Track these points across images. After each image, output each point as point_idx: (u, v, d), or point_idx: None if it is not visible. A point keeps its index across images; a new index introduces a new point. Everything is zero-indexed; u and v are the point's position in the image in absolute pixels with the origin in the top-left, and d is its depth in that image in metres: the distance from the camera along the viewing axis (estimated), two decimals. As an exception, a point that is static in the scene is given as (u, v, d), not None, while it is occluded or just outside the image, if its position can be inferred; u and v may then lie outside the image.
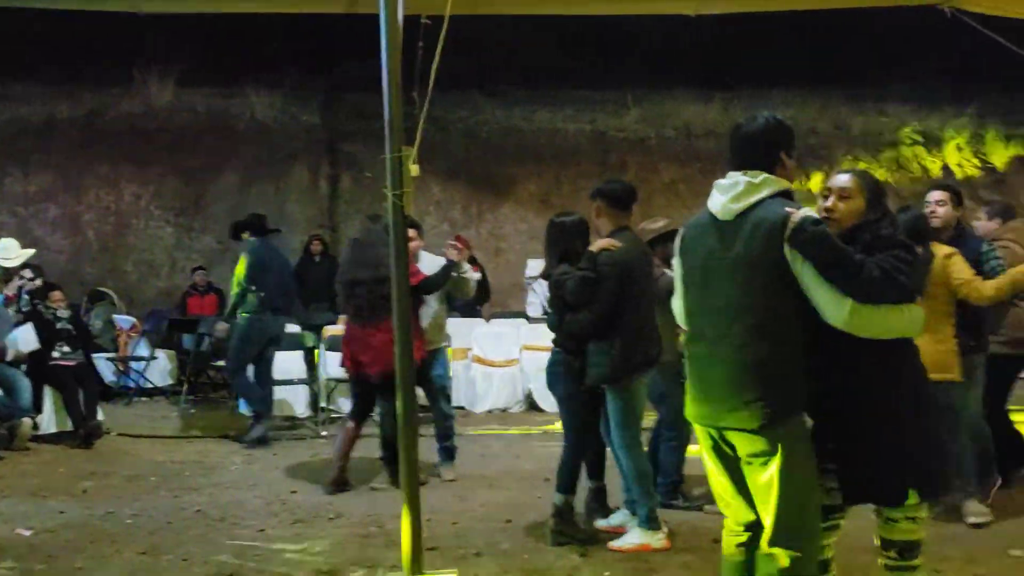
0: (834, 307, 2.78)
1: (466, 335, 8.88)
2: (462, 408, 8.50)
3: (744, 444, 2.86)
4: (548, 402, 7.71)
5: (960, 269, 4.59)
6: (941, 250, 4.63)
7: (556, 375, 4.71)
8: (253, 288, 7.22)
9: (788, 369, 2.82)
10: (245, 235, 7.56)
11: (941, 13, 10.63)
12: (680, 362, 5.01)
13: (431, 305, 5.88)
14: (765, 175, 2.92)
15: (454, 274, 5.74)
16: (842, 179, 3.11)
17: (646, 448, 4.88)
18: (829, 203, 3.03)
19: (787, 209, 2.83)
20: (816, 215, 2.88)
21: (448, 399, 6.27)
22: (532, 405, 8.81)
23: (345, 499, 5.56)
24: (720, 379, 2.89)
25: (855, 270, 2.77)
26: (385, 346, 5.11)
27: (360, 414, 5.85)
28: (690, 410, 3.05)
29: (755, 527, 2.96)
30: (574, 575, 4.19)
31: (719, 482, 3.04)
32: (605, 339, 4.39)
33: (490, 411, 8.65)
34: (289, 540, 4.74)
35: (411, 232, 5.35)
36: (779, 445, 2.79)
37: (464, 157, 13.70)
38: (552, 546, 4.51)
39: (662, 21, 12.28)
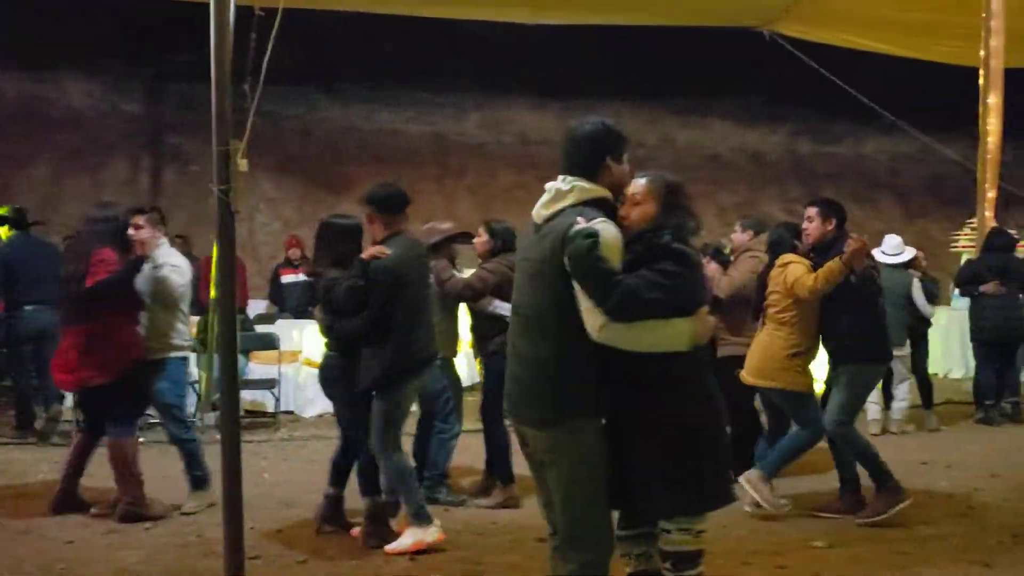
0: (590, 319, 2.83)
1: (297, 337, 8.64)
2: (291, 413, 8.28)
3: (535, 440, 2.98)
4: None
5: (794, 271, 4.88)
6: (782, 260, 4.98)
7: (329, 379, 4.71)
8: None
9: (574, 370, 2.88)
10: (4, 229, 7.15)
11: (761, 36, 11.36)
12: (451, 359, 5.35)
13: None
14: (575, 183, 2.93)
15: (156, 273, 5.04)
16: (636, 184, 3.06)
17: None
18: (623, 209, 3.02)
19: (578, 219, 2.83)
20: (594, 228, 2.81)
21: (176, 419, 5.24)
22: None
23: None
24: (519, 375, 3.00)
25: (606, 288, 2.77)
26: (68, 353, 4.92)
27: (90, 426, 5.24)
28: (504, 403, 3.15)
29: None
30: (403, 579, 4.15)
31: (536, 481, 3.09)
32: (376, 344, 4.38)
33: (320, 415, 8.46)
34: (101, 550, 4.47)
35: (139, 219, 5.06)
36: (563, 444, 2.89)
37: (299, 154, 13.40)
38: (368, 547, 4.46)
39: (501, 28, 12.53)
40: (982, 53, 8.52)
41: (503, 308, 4.93)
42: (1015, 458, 6.46)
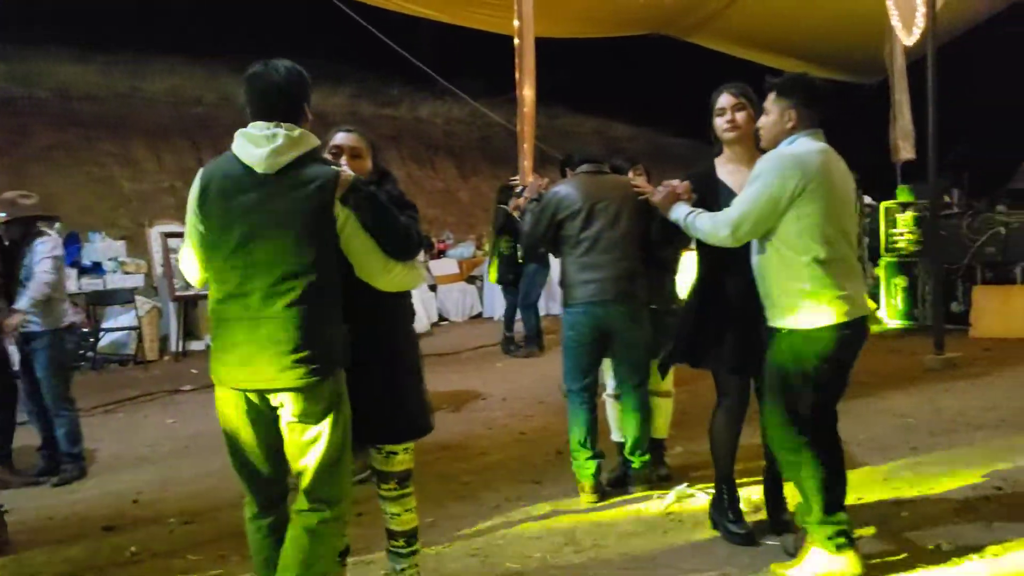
0: (373, 264, 2.90)
1: None
2: None
3: (296, 403, 2.79)
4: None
5: None
6: None
7: None
8: None
9: (333, 325, 2.85)
10: None
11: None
12: None
13: None
14: (301, 130, 2.82)
15: None
16: (351, 137, 3.10)
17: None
18: (343, 161, 3.03)
19: (335, 168, 2.84)
20: (356, 176, 2.89)
21: None
22: None
23: None
24: (267, 338, 2.76)
25: (404, 231, 2.90)
26: None
27: None
28: (224, 374, 2.84)
29: (277, 503, 2.98)
30: None
31: (249, 452, 2.88)
32: None
33: None
34: None
35: None
36: (329, 401, 2.82)
37: None
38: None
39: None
40: (516, 23, 9.31)
41: None
42: (551, 384, 7.23)
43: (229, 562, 3.84)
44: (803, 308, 3.33)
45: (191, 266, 2.97)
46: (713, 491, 3.97)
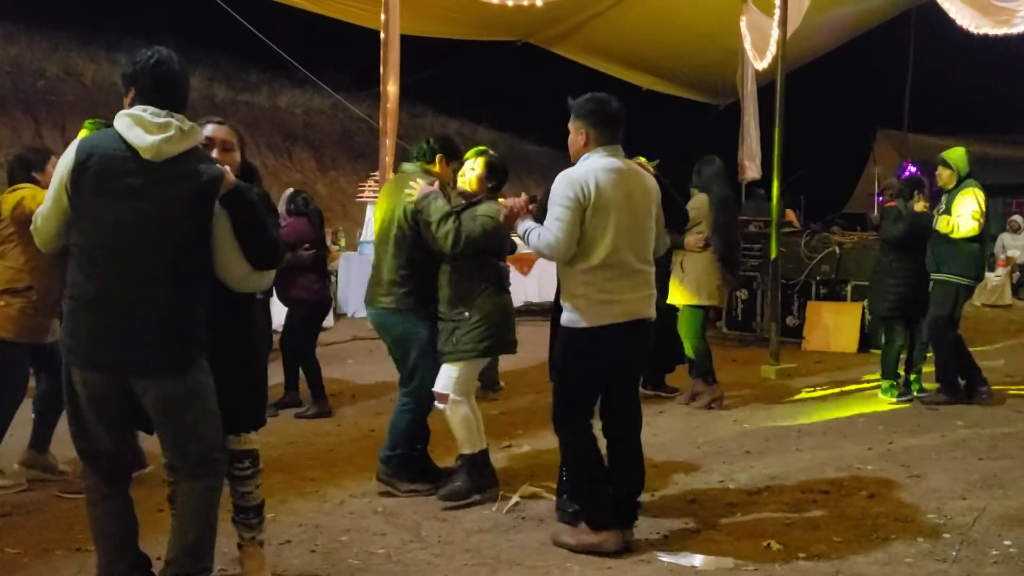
0: (236, 267, 2.98)
1: None
2: None
3: (160, 388, 2.85)
4: None
5: None
6: None
7: None
8: None
9: (198, 312, 2.91)
10: None
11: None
12: None
13: None
14: (192, 124, 2.89)
15: None
16: (222, 130, 3.14)
17: None
18: (213, 154, 3.05)
19: (221, 166, 2.93)
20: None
21: None
22: None
23: None
24: (135, 325, 2.81)
25: (271, 242, 3.04)
26: None
27: None
28: (84, 355, 2.84)
29: (119, 476, 3.04)
30: None
31: (94, 431, 2.92)
32: None
33: None
34: None
35: None
36: (195, 382, 2.89)
37: None
38: None
39: None
40: (383, 17, 9.23)
41: None
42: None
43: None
44: (575, 309, 3.68)
45: (45, 231, 2.94)
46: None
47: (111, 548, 3.02)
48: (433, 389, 4.34)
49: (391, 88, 9.90)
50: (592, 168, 3.65)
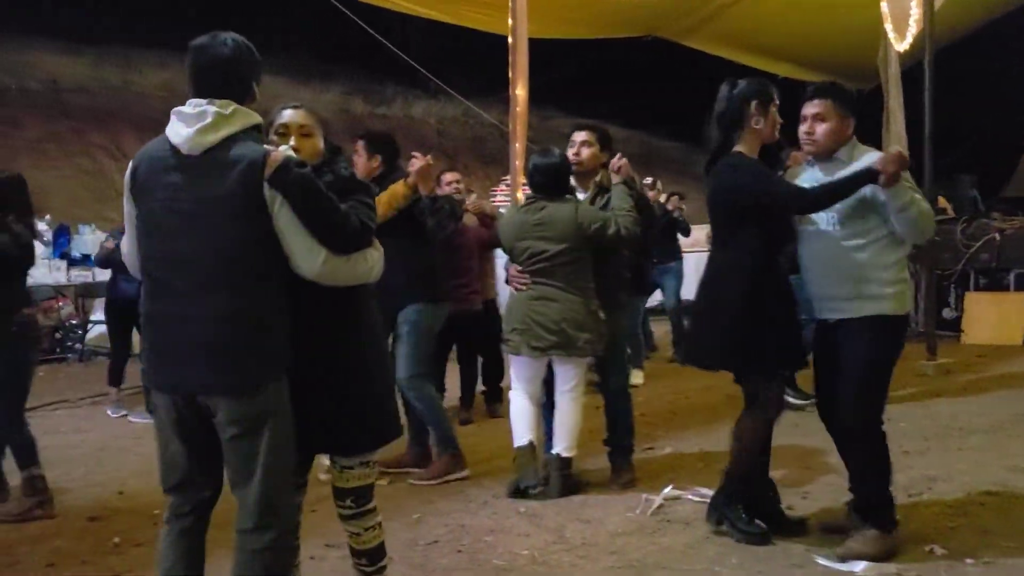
0: (307, 256, 2.55)
1: None
2: None
3: (228, 410, 2.50)
4: None
5: None
6: None
7: None
8: None
9: (271, 323, 2.54)
10: None
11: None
12: None
13: None
14: (236, 106, 2.54)
15: None
16: (299, 114, 2.82)
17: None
18: (293, 142, 2.74)
19: (267, 147, 2.55)
20: (296, 156, 2.60)
21: None
22: None
23: None
24: (196, 338, 2.49)
25: (340, 219, 2.57)
26: None
27: None
28: (153, 376, 2.60)
29: (204, 506, 2.70)
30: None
31: (178, 458, 2.63)
32: None
33: None
34: None
35: None
36: (267, 408, 2.52)
37: None
38: None
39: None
40: (510, 22, 9.28)
41: None
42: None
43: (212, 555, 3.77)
44: (896, 297, 3.53)
45: (130, 255, 2.72)
46: (707, 492, 3.96)
47: None
48: None
49: (520, 92, 9.93)
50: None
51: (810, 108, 3.59)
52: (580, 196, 4.58)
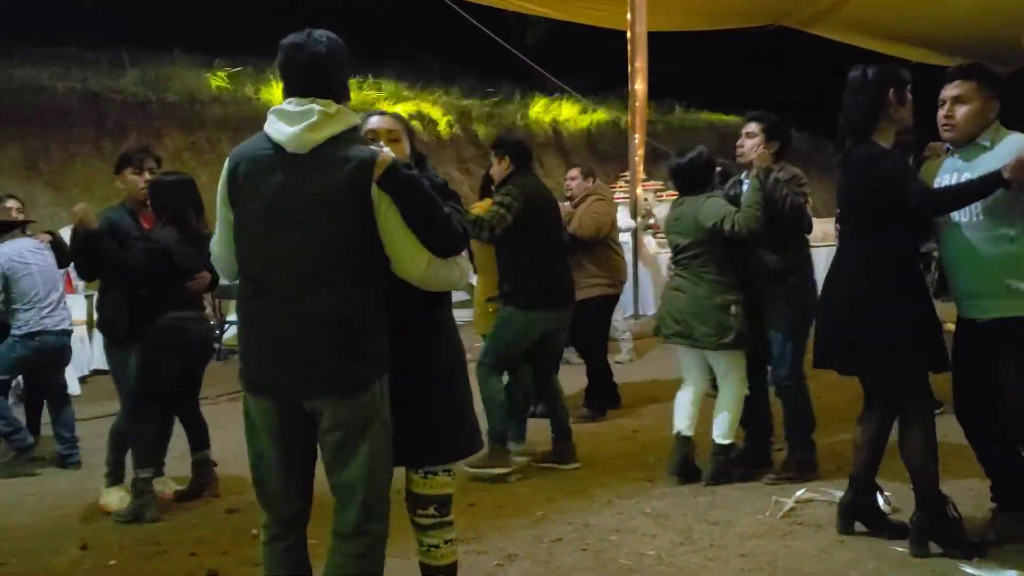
0: (412, 258, 2.54)
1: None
2: None
3: (332, 413, 2.48)
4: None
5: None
6: None
7: None
8: None
9: (372, 323, 2.52)
10: None
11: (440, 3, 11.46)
12: None
13: None
14: (338, 106, 2.52)
15: None
16: (387, 120, 2.87)
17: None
18: (381, 144, 2.69)
19: (374, 148, 2.54)
20: (401, 160, 2.60)
21: None
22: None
23: None
24: (299, 339, 2.46)
25: (445, 222, 2.56)
26: None
27: None
28: (252, 378, 2.56)
29: (300, 521, 2.69)
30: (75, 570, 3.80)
31: (273, 467, 2.60)
32: None
33: None
34: None
35: None
36: (371, 410, 2.50)
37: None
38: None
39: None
40: (628, 17, 9.19)
41: None
42: (664, 382, 7.11)
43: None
44: None
45: (223, 258, 2.70)
46: (839, 495, 3.87)
47: None
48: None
49: (639, 86, 9.84)
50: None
51: (950, 90, 3.40)
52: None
